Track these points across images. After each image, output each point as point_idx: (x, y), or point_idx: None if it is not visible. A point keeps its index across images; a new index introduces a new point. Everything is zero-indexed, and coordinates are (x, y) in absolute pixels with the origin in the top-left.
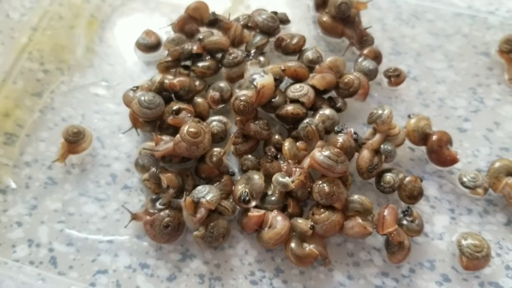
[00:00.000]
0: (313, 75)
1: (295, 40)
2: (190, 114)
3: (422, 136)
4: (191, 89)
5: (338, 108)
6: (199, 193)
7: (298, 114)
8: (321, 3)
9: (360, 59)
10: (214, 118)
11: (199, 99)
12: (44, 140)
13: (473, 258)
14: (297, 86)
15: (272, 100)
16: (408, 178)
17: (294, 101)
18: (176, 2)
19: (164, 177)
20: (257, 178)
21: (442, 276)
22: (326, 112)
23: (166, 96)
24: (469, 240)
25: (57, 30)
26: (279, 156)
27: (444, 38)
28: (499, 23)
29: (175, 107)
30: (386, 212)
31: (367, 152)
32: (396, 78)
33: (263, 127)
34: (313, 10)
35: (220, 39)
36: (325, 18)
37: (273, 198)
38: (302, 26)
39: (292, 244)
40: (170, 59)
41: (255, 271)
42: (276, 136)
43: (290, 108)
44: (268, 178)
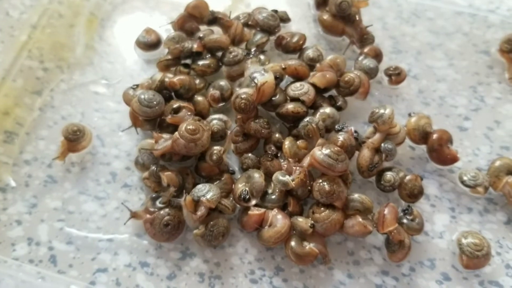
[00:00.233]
0: (313, 73)
1: (296, 39)
2: (190, 113)
3: (422, 135)
4: (191, 87)
5: (338, 106)
6: (199, 191)
7: (298, 113)
8: (321, 1)
9: (360, 58)
10: (214, 117)
11: (199, 98)
12: (44, 138)
13: (473, 257)
14: (297, 84)
15: (273, 98)
16: (408, 177)
17: (295, 99)
18: (175, 0)
19: (164, 175)
20: (257, 176)
21: (442, 275)
22: (327, 110)
23: (166, 95)
24: (469, 239)
25: (56, 28)
26: (279, 154)
27: (445, 36)
28: (500, 22)
29: (175, 105)
30: (386, 211)
31: (367, 151)
32: (396, 76)
33: (263, 126)
34: (313, 9)
35: (220, 38)
36: (325, 17)
37: (273, 197)
38: (303, 25)
39: (292, 243)
40: (170, 57)
41: (255, 269)
42: (277, 135)
43: (290, 106)
44: (268, 176)
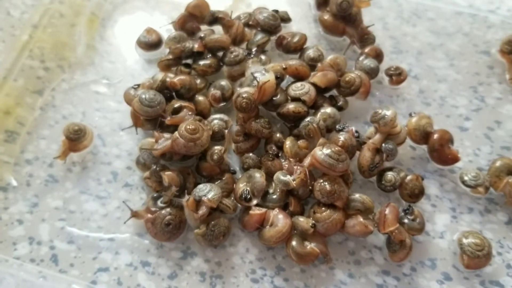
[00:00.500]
0: (314, 73)
1: (296, 39)
2: (191, 112)
3: (423, 135)
4: (192, 87)
5: (339, 106)
6: (201, 191)
7: (299, 113)
8: (322, 1)
9: (361, 58)
10: (215, 117)
11: (200, 98)
12: (45, 138)
13: (474, 256)
14: (298, 84)
15: (273, 98)
16: (409, 177)
17: (296, 99)
18: (176, 0)
19: (165, 175)
20: (258, 176)
21: (443, 275)
22: (328, 110)
23: (168, 95)
24: (470, 239)
25: (57, 27)
26: (280, 154)
27: (445, 36)
28: (500, 22)
29: (176, 105)
30: (387, 211)
31: (368, 151)
32: (397, 76)
33: (264, 126)
34: (314, 9)
35: (221, 37)
36: (326, 17)
37: (274, 197)
38: (303, 25)
39: (293, 242)
40: (171, 57)
41: (256, 269)
42: (278, 135)
43: (291, 106)
44: (269, 176)
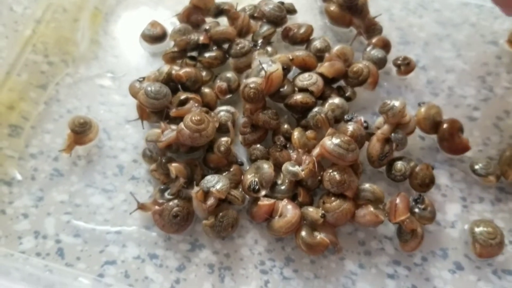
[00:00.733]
0: (321, 64)
1: (303, 30)
2: (198, 104)
3: (432, 124)
4: (197, 79)
5: (347, 97)
6: (209, 182)
7: (307, 103)
8: None
9: (368, 48)
10: (221, 108)
11: (206, 90)
12: (50, 132)
13: (486, 245)
14: (305, 75)
15: (281, 89)
16: (419, 166)
17: (303, 90)
18: None
19: (173, 167)
20: (266, 167)
21: (455, 264)
22: (335, 101)
23: (173, 87)
24: (482, 227)
25: (61, 22)
26: (288, 145)
27: (452, 27)
28: None
29: (182, 97)
30: (398, 200)
31: (377, 141)
32: (406, 66)
33: (272, 117)
34: (319, 0)
35: (226, 29)
36: (332, 8)
37: (283, 187)
38: (309, 17)
39: (303, 233)
40: (176, 49)
41: (265, 260)
42: (285, 126)
43: (299, 97)
44: (277, 167)
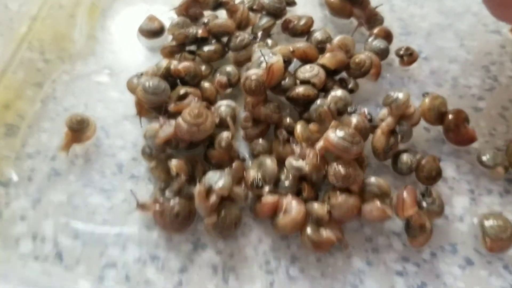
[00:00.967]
0: (323, 55)
1: (303, 21)
2: (197, 98)
3: (438, 115)
4: (196, 74)
5: (350, 89)
6: (211, 179)
7: (309, 96)
8: None
9: (370, 39)
10: (222, 103)
11: (206, 84)
12: (46, 131)
13: (497, 239)
14: (307, 67)
15: (282, 82)
16: (425, 158)
17: (305, 82)
18: None
19: (173, 164)
20: (269, 162)
21: (465, 259)
22: (338, 93)
23: (172, 82)
24: (492, 221)
25: (57, 19)
26: (291, 139)
27: (454, 17)
28: None
29: (181, 92)
30: (405, 194)
31: (382, 133)
32: (409, 57)
33: (273, 110)
34: None
35: (225, 22)
36: None
37: (286, 183)
38: (308, 8)
39: (308, 230)
40: (175, 43)
41: (270, 259)
42: (288, 119)
43: (301, 89)
44: (280, 162)
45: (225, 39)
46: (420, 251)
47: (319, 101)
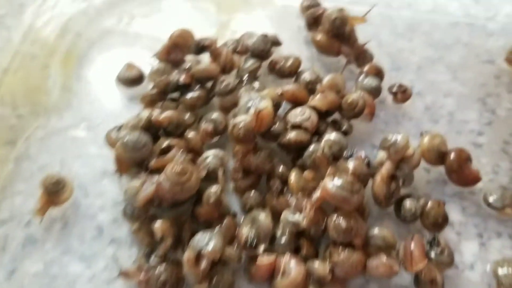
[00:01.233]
0: (313, 96)
1: (290, 62)
2: (182, 150)
3: (438, 155)
4: (179, 123)
5: (344, 131)
6: (199, 242)
7: (302, 141)
8: (312, 22)
9: (361, 77)
10: (209, 153)
11: (191, 133)
12: (21, 193)
13: None
14: (298, 110)
15: (272, 128)
16: (430, 204)
17: (296, 127)
18: (155, 34)
19: (157, 226)
20: (263, 218)
21: None
22: (332, 136)
23: (154, 133)
24: (506, 268)
25: (29, 70)
26: (285, 189)
27: (444, 49)
28: (500, 29)
29: (164, 145)
30: (413, 246)
31: (381, 180)
32: (402, 94)
33: (265, 159)
34: (303, 30)
35: (209, 66)
36: (319, 37)
37: (283, 239)
38: (294, 48)
39: None
40: (155, 91)
41: None
42: (280, 168)
43: (292, 135)
44: (275, 216)
45: (209, 84)
46: None
47: (312, 146)
